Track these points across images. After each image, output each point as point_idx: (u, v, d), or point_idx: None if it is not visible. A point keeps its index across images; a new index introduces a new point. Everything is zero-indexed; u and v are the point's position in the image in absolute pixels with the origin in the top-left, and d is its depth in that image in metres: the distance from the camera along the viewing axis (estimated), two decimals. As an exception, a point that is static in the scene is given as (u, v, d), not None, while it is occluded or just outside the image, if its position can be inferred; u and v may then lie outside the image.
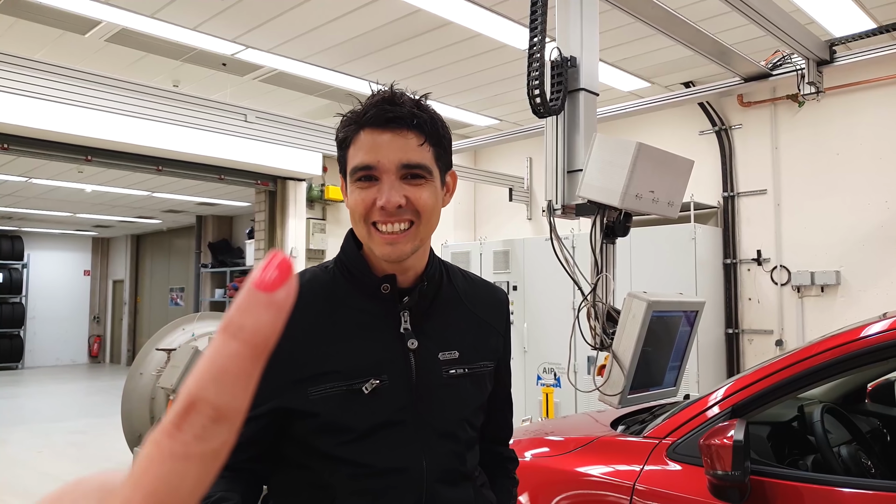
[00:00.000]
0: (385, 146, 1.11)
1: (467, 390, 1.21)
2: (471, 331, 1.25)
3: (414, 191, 1.13)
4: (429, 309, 1.20)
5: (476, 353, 1.23)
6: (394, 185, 1.11)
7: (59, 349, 17.17)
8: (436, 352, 1.18)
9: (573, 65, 2.99)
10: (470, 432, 1.22)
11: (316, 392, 1.11)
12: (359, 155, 1.12)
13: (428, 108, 1.18)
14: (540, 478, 2.44)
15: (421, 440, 1.15)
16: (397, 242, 1.12)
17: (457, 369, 1.19)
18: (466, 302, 1.27)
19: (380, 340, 1.16)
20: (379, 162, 1.11)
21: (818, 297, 6.19)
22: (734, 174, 6.80)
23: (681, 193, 2.92)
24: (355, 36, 5.72)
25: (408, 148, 1.12)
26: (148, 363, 5.56)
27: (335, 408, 1.11)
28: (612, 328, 2.72)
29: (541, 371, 7.00)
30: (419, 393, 1.15)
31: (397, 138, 1.12)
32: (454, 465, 1.19)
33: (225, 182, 9.27)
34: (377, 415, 1.12)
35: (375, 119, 1.12)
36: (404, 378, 1.14)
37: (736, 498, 1.93)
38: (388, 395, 1.13)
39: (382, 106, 1.12)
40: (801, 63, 4.51)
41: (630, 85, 6.84)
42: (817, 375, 2.12)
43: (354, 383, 1.11)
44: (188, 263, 14.91)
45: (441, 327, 1.21)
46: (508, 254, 7.48)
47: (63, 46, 6.03)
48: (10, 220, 14.64)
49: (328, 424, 1.12)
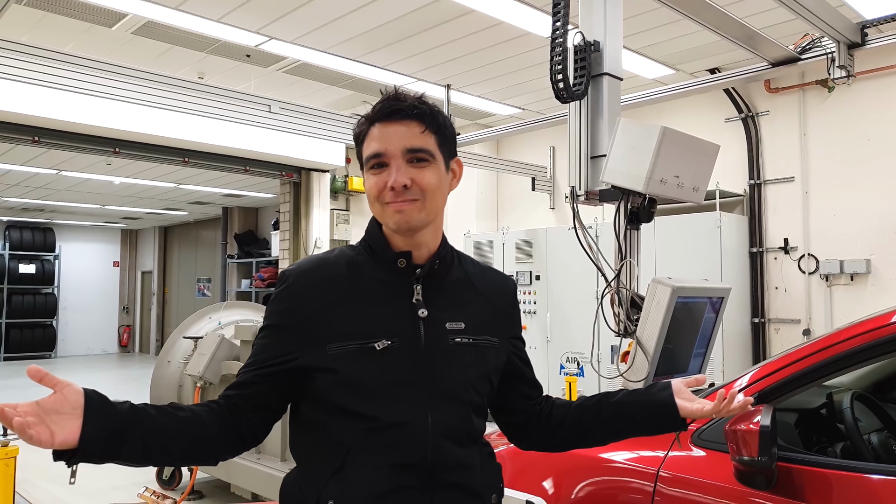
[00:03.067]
0: (392, 135, 1.28)
1: (471, 358, 1.33)
2: (477, 308, 1.38)
3: (418, 172, 1.28)
4: (440, 284, 1.35)
5: (481, 328, 1.36)
6: (400, 168, 1.27)
7: (90, 339, 17.51)
8: (444, 321, 1.31)
9: (597, 49, 2.96)
10: (475, 397, 1.34)
11: (334, 349, 1.26)
12: (371, 145, 1.30)
13: (429, 102, 1.34)
14: (563, 463, 2.43)
15: (426, 398, 1.27)
16: (405, 210, 1.27)
17: (462, 338, 1.32)
18: (475, 283, 1.41)
19: (394, 308, 1.30)
20: (387, 149, 1.28)
21: (847, 285, 6.08)
22: (761, 161, 6.70)
23: (706, 178, 2.89)
24: (378, 25, 5.72)
25: (411, 135, 1.28)
26: (175, 351, 5.65)
27: (350, 364, 1.25)
28: (636, 314, 2.70)
29: (564, 360, 6.98)
30: (426, 355, 1.28)
31: (401, 127, 1.29)
32: (459, 424, 1.31)
33: (250, 173, 9.35)
34: (387, 372, 1.25)
35: (382, 113, 1.30)
36: (414, 341, 1.28)
37: (762, 484, 1.91)
38: (399, 355, 1.26)
39: (388, 102, 1.30)
40: (832, 46, 4.41)
41: (654, 72, 6.75)
42: (846, 362, 2.08)
43: (368, 342, 1.26)
44: (215, 254, 15.10)
45: (449, 301, 1.34)
46: (531, 243, 7.46)
47: (90, 40, 6.11)
48: (42, 212, 14.93)
49: (344, 379, 1.25)
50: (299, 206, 10.02)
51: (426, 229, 1.32)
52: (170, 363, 5.61)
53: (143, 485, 5.17)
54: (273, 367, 1.29)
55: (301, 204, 9.99)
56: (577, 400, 1.53)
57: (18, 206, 14.08)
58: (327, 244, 8.33)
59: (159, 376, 5.62)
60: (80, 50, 5.56)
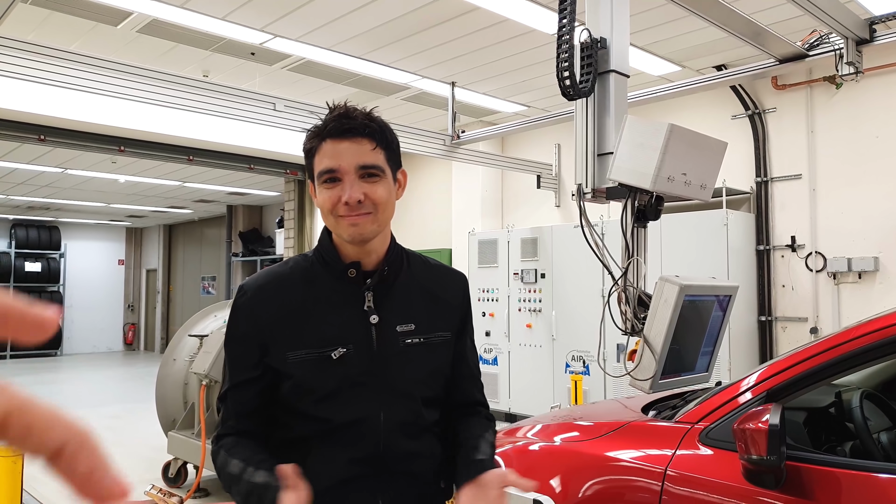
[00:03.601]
0: (344, 152, 1.34)
1: (422, 356, 1.41)
2: (427, 306, 1.45)
3: (370, 187, 1.35)
4: (389, 289, 1.42)
5: (431, 325, 1.43)
6: (354, 184, 1.34)
7: (96, 337, 17.57)
8: (394, 325, 1.39)
9: (603, 46, 2.94)
10: (426, 391, 1.43)
11: (293, 357, 1.34)
12: (323, 161, 1.35)
13: (377, 118, 1.40)
14: (570, 462, 2.42)
15: (379, 397, 1.36)
16: (359, 223, 1.34)
17: (412, 339, 1.40)
18: (424, 282, 1.48)
19: (347, 316, 1.38)
20: (340, 165, 1.34)
21: (855, 283, 6.05)
22: (768, 159, 6.66)
23: (714, 176, 2.87)
24: (382, 23, 5.71)
25: (363, 152, 1.35)
26: (181, 349, 5.65)
27: (308, 372, 1.34)
28: (643, 313, 2.69)
29: (569, 359, 6.97)
30: (379, 359, 1.37)
31: (354, 145, 1.34)
32: (410, 418, 1.39)
33: (255, 171, 9.37)
34: (343, 377, 1.35)
35: (335, 130, 1.35)
36: (367, 347, 1.37)
37: (771, 483, 1.89)
38: (353, 360, 1.35)
39: (340, 120, 1.35)
40: (840, 43, 4.38)
41: (660, 69, 6.73)
42: (855, 361, 2.06)
43: (325, 351, 1.35)
44: (219, 252, 15.13)
45: (399, 304, 1.42)
46: (536, 241, 7.44)
47: (96, 38, 6.12)
48: (48, 210, 14.98)
49: (302, 385, 1.35)
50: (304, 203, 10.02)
51: (376, 238, 1.40)
52: (175, 361, 5.62)
53: (149, 482, 5.18)
54: (258, 370, 1.36)
55: (305, 202, 9.98)
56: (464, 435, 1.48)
57: (24, 205, 14.13)
58: (332, 242, 8.32)
59: (165, 374, 5.63)
60: (85, 48, 5.56)
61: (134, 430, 7.52)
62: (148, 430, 7.03)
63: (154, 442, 6.49)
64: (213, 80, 5.99)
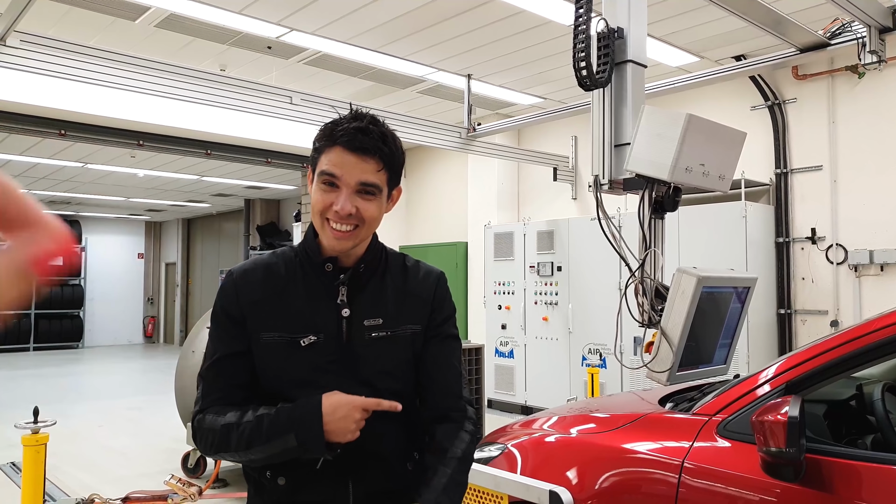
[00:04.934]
0: (350, 165, 1.40)
1: (387, 349, 1.48)
2: (397, 302, 1.51)
3: (364, 203, 1.42)
4: (364, 286, 1.49)
5: (400, 319, 1.50)
6: (349, 197, 1.40)
7: (116, 329, 17.80)
8: (363, 318, 1.46)
9: (620, 36, 2.92)
10: (391, 384, 1.48)
11: (266, 337, 1.43)
12: (328, 165, 1.41)
13: (391, 139, 1.45)
14: (587, 454, 2.42)
15: (342, 385, 1.41)
16: (342, 239, 1.42)
17: (378, 333, 1.47)
18: (397, 280, 1.54)
19: (321, 306, 1.46)
20: (342, 176, 1.40)
21: (877, 276, 5.96)
22: (788, 150, 6.58)
23: (732, 166, 2.84)
24: (398, 15, 5.70)
25: (367, 171, 1.40)
26: (200, 341, 5.70)
27: (277, 354, 1.43)
28: (661, 304, 2.67)
29: (586, 352, 6.95)
30: (346, 350, 1.45)
31: (361, 162, 1.40)
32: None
33: (272, 165, 9.42)
34: (310, 363, 1.43)
35: (347, 143, 1.39)
36: (336, 337, 1.44)
37: (790, 476, 1.87)
38: (321, 349, 1.43)
39: (355, 135, 1.39)
40: (862, 31, 4.31)
41: (678, 60, 6.66)
42: (876, 353, 2.03)
43: (296, 337, 1.43)
44: (237, 246, 15.24)
45: (371, 300, 1.49)
46: (553, 234, 7.41)
47: (114, 33, 6.17)
48: (69, 204, 15.17)
49: (272, 368, 1.43)
50: (321, 197, 10.02)
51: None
52: (194, 353, 5.67)
53: (169, 472, 5.24)
54: (244, 345, 1.44)
55: (322, 195, 9.98)
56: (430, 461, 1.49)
57: (46, 199, 14.32)
58: (348, 235, 8.35)
59: (184, 366, 5.69)
60: (104, 43, 5.60)
61: (154, 422, 7.61)
62: (168, 421, 7.11)
63: (174, 433, 6.57)
64: (230, 74, 6.03)
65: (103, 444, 6.64)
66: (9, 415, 7.27)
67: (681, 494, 2.09)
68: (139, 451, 6.34)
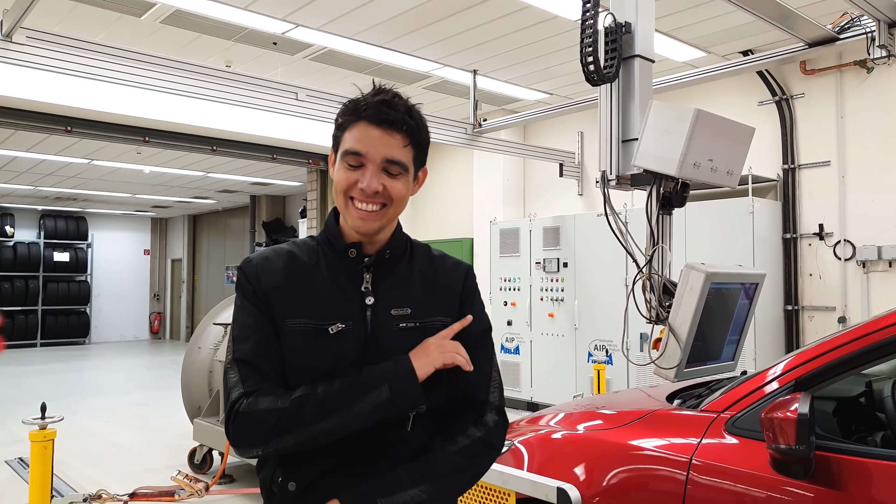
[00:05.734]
0: (375, 140, 1.33)
1: (416, 341, 1.39)
2: (425, 291, 1.44)
3: (390, 181, 1.35)
4: (389, 273, 1.42)
5: (429, 310, 1.43)
6: (375, 174, 1.34)
7: (123, 325, 17.87)
8: (389, 307, 1.39)
9: (628, 31, 2.90)
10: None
11: (291, 324, 1.36)
12: (352, 142, 1.34)
13: (417, 114, 1.40)
14: (595, 451, 2.41)
15: None
16: (368, 219, 1.35)
17: (407, 323, 1.40)
18: (424, 270, 1.47)
19: (345, 294, 1.39)
20: (367, 152, 1.33)
21: (885, 272, 5.93)
22: (795, 145, 6.54)
23: (741, 162, 2.82)
24: (404, 11, 5.69)
25: (393, 146, 1.34)
26: (206, 338, 5.72)
27: (303, 342, 1.35)
28: (668, 301, 2.66)
29: (592, 348, 6.93)
30: (372, 340, 1.37)
31: (386, 136, 1.34)
32: None
33: (277, 161, 9.42)
34: (337, 354, 1.35)
35: (372, 117, 1.33)
36: (361, 327, 1.37)
37: (800, 473, 1.86)
38: (348, 338, 1.36)
39: (380, 107, 1.33)
40: (871, 25, 4.27)
41: (685, 55, 6.62)
42: (886, 350, 2.02)
43: (323, 324, 1.36)
44: (243, 242, 15.27)
45: (397, 288, 1.42)
46: (559, 230, 7.40)
47: (120, 29, 6.17)
48: (75, 201, 15.22)
49: (298, 357, 1.35)
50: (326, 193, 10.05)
51: None
52: (200, 349, 5.68)
53: (176, 468, 5.26)
54: (271, 328, 1.35)
55: (328, 192, 10.01)
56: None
57: (52, 196, 14.37)
58: (354, 231, 8.35)
59: (190, 362, 5.70)
60: (110, 40, 5.60)
61: (160, 417, 7.63)
62: (174, 417, 7.14)
63: (180, 429, 6.59)
64: (235, 70, 6.02)
65: (110, 440, 6.67)
66: (16, 411, 7.31)
67: (689, 491, 2.08)
68: (146, 447, 6.36)
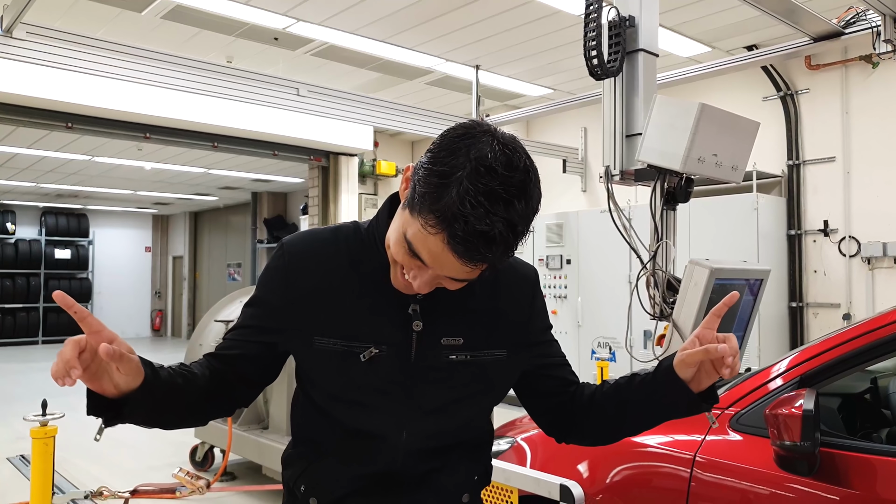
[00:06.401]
0: (450, 266, 1.04)
1: (466, 376, 1.20)
2: (482, 319, 1.23)
3: (450, 283, 1.11)
4: (442, 294, 1.16)
5: (484, 341, 1.22)
6: (431, 282, 1.09)
7: (124, 323, 17.87)
8: (440, 336, 1.18)
9: (631, 24, 2.88)
10: (466, 415, 1.25)
11: (319, 343, 1.17)
12: (422, 248, 1.04)
13: (515, 244, 1.05)
14: (598, 448, 2.39)
15: (406, 413, 1.19)
16: (409, 291, 1.14)
17: (458, 355, 1.19)
18: (484, 290, 1.23)
19: (388, 315, 1.17)
20: (434, 267, 1.05)
21: (890, 268, 5.90)
22: (800, 141, 6.51)
23: (745, 157, 2.80)
24: (406, 6, 5.66)
25: (468, 273, 1.06)
26: (207, 334, 5.71)
27: (332, 366, 1.17)
28: (672, 297, 2.64)
29: (595, 345, 6.92)
30: (414, 371, 1.17)
31: (465, 265, 1.03)
32: (436, 441, 1.23)
33: (279, 158, 9.39)
34: (369, 381, 1.17)
35: (462, 252, 1.00)
36: (404, 354, 1.17)
37: (804, 470, 1.85)
38: (383, 366, 1.16)
39: (476, 246, 0.99)
40: (877, 20, 4.24)
41: (689, 50, 6.59)
42: (890, 346, 2.00)
43: (354, 346, 1.16)
44: (244, 239, 15.25)
45: (450, 312, 1.19)
46: (562, 227, 7.37)
47: (121, 25, 6.15)
48: (76, 198, 15.21)
49: (324, 379, 1.20)
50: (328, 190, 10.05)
51: None
52: (202, 346, 5.67)
53: (177, 465, 5.26)
54: (256, 341, 1.22)
55: (329, 188, 10.01)
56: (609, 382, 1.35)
57: (53, 193, 14.37)
58: (356, 228, 8.34)
59: (191, 359, 5.68)
60: (110, 35, 5.59)
61: (162, 414, 7.62)
62: (176, 413, 7.12)
63: (182, 425, 6.58)
64: (236, 65, 6.01)
65: (111, 437, 6.61)
66: (18, 408, 7.31)
67: (692, 488, 2.07)
68: (147, 444, 6.35)
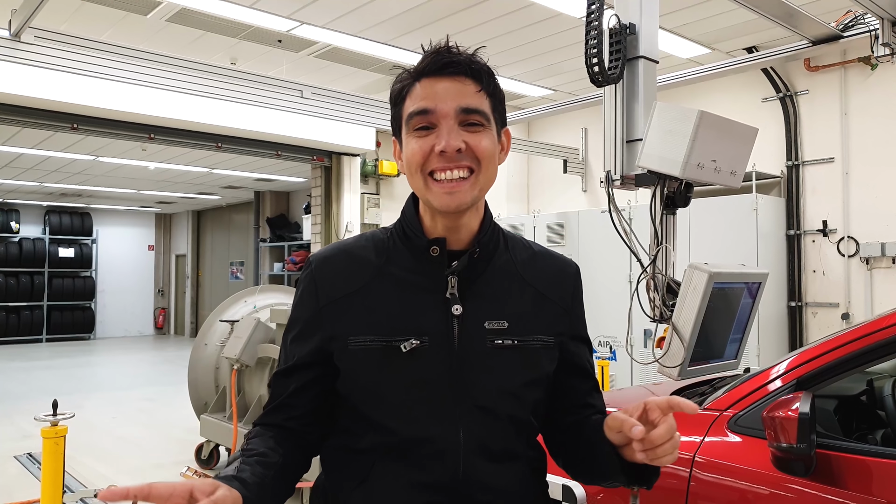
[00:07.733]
0: (443, 92, 1.09)
1: (514, 363, 1.13)
2: (525, 302, 1.17)
3: (473, 137, 1.10)
4: (480, 274, 1.15)
5: (529, 326, 1.16)
6: (452, 130, 1.08)
7: (127, 321, 17.93)
8: (482, 319, 1.12)
9: (632, 32, 2.92)
10: (517, 410, 1.15)
11: (355, 343, 1.11)
12: (416, 102, 1.10)
13: (482, 60, 1.16)
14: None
15: (458, 410, 1.10)
16: (456, 191, 1.09)
17: (504, 340, 1.12)
18: (524, 273, 1.20)
19: (424, 302, 1.12)
20: (437, 107, 1.09)
21: (889, 268, 5.94)
22: (799, 142, 6.55)
23: (744, 162, 2.84)
24: (409, 8, 5.70)
25: (466, 93, 1.10)
26: (212, 334, 5.76)
27: (372, 364, 1.10)
28: (672, 300, 2.68)
29: (596, 344, 6.96)
30: (460, 360, 1.10)
31: (455, 84, 1.10)
32: (496, 440, 1.13)
33: (282, 158, 9.43)
34: (413, 378, 1.10)
35: (432, 67, 1.10)
36: (446, 343, 1.10)
37: (801, 471, 1.89)
38: (428, 357, 1.09)
39: (439, 54, 1.11)
40: (875, 23, 4.28)
41: (689, 52, 6.63)
42: (887, 349, 2.04)
43: (393, 340, 1.09)
44: (247, 238, 15.30)
45: (491, 295, 1.15)
46: (563, 227, 7.41)
47: (126, 27, 6.20)
48: (80, 197, 15.26)
49: (365, 382, 1.11)
50: (330, 190, 10.10)
51: (469, 209, 1.13)
52: (207, 346, 5.72)
53: (183, 464, 5.32)
54: (313, 365, 1.15)
55: (332, 188, 10.06)
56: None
57: (57, 192, 14.42)
58: (358, 228, 8.38)
59: (197, 358, 5.75)
60: (116, 38, 5.64)
61: (167, 413, 7.68)
62: (180, 412, 7.18)
63: (187, 424, 6.64)
64: (240, 67, 6.06)
65: (118, 435, 6.72)
66: (24, 406, 7.38)
67: (692, 488, 2.11)
68: (153, 442, 6.41)
